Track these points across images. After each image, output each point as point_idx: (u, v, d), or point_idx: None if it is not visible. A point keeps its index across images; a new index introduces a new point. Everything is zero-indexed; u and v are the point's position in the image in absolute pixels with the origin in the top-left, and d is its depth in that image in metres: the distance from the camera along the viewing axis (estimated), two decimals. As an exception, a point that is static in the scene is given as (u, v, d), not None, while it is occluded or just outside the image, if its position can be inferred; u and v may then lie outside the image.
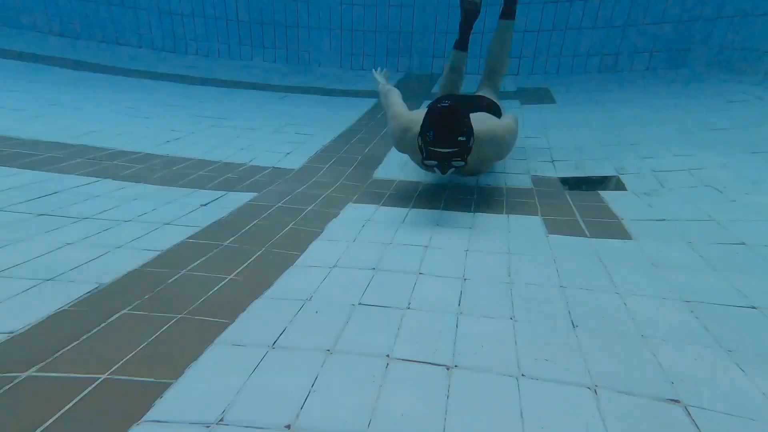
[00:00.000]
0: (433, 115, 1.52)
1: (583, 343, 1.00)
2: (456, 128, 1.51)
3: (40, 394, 0.75)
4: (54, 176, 1.85)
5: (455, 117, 1.51)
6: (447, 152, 1.52)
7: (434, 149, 1.52)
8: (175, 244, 1.38)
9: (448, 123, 1.50)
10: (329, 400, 0.80)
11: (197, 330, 0.97)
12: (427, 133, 1.52)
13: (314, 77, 4.74)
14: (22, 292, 1.03)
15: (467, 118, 1.55)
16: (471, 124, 1.56)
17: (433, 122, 1.51)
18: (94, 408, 0.73)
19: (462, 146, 1.53)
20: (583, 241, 1.57)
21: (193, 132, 2.79)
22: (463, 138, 1.52)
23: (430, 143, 1.52)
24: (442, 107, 1.52)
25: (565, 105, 3.48)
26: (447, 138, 1.50)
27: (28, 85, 3.41)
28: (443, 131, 1.50)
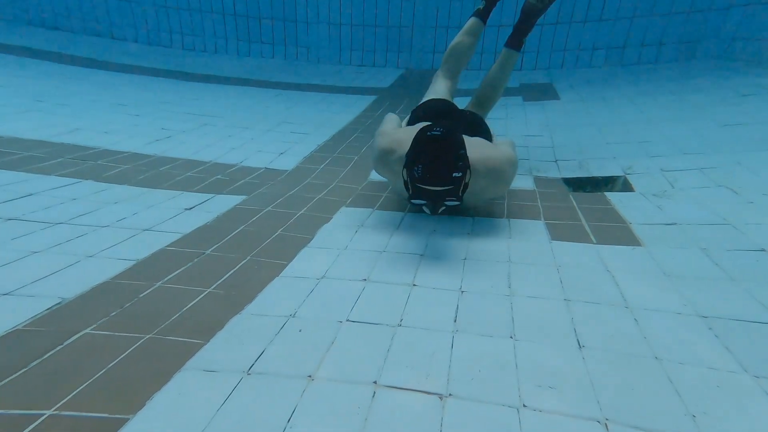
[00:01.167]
0: (423, 146, 1.23)
1: (591, 366, 0.90)
2: (450, 162, 1.22)
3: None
4: (31, 177, 1.76)
5: (450, 148, 1.22)
6: (438, 191, 1.23)
7: (423, 187, 1.23)
8: (153, 253, 1.29)
9: (440, 156, 1.21)
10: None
11: (166, 353, 0.88)
12: (414, 168, 1.23)
13: (312, 73, 4.63)
14: (-25, 310, 0.94)
15: (463, 149, 1.27)
16: (467, 155, 1.30)
17: (422, 154, 1.22)
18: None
19: (457, 183, 1.24)
20: (589, 248, 1.48)
21: (184, 131, 2.70)
22: (459, 174, 1.23)
23: (419, 179, 1.23)
24: (433, 135, 1.23)
25: (569, 101, 3.37)
26: (439, 174, 1.21)
27: (14, 80, 3.32)
28: (434, 166, 1.20)
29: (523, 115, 3.19)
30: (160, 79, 4.05)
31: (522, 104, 3.45)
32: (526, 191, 2.03)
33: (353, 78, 4.51)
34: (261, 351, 0.91)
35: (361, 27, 4.82)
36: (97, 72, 4.01)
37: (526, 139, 2.72)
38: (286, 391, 0.81)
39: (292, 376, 0.85)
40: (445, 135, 1.23)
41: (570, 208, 1.85)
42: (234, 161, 2.27)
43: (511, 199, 1.94)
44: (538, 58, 4.44)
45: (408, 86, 4.06)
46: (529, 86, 3.92)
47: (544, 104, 3.38)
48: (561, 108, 3.25)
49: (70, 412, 0.70)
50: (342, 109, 3.45)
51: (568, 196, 1.99)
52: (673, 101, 3.00)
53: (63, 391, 0.74)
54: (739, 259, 1.31)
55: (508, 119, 3.10)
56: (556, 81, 3.98)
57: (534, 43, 4.38)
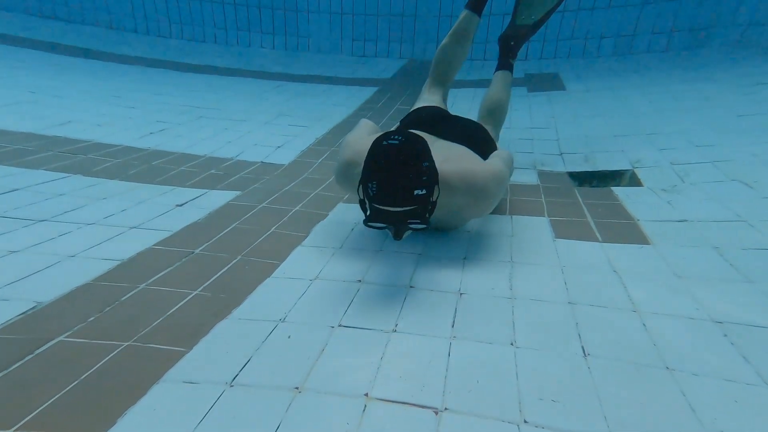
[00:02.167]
0: (377, 158, 0.99)
1: (597, 377, 0.85)
2: (410, 178, 0.98)
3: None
4: (18, 171, 1.71)
5: (410, 160, 0.98)
6: (398, 212, 1.01)
7: (379, 207, 1.01)
8: (139, 252, 1.24)
9: (398, 169, 0.97)
10: (290, 458, 0.66)
11: (145, 362, 0.83)
12: (368, 184, 1.00)
13: (312, 64, 4.54)
14: (-55, 316, 0.90)
15: (428, 160, 1.03)
16: (434, 167, 1.07)
17: (377, 169, 0.98)
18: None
19: (420, 203, 1.01)
20: (594, 246, 1.41)
21: (180, 123, 2.63)
22: (422, 191, 1.00)
23: (374, 198, 1.00)
24: (390, 145, 0.99)
25: (576, 92, 3.27)
26: (397, 192, 0.98)
27: (9, 71, 3.26)
28: (391, 182, 0.97)
29: (527, 106, 3.10)
30: (158, 70, 3.98)
31: (526, 95, 3.35)
32: (530, 186, 1.96)
33: (354, 69, 4.41)
34: (246, 360, 0.86)
35: (362, 16, 4.71)
36: (94, 62, 3.95)
37: (530, 131, 2.64)
38: (270, 404, 0.76)
39: (278, 388, 0.79)
40: (403, 144, 0.99)
41: (575, 203, 1.78)
42: (229, 155, 2.21)
43: (514, 194, 1.87)
44: (544, 48, 4.32)
45: (411, 77, 3.97)
46: (534, 76, 3.82)
47: (549, 95, 3.28)
48: (567, 99, 3.15)
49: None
50: (342, 101, 3.37)
51: (573, 191, 1.92)
52: (684, 91, 2.90)
53: (28, 407, 0.69)
54: (755, 258, 1.24)
55: (511, 111, 2.99)
56: (563, 71, 3.87)
57: (540, 32, 4.24)
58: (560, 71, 3.86)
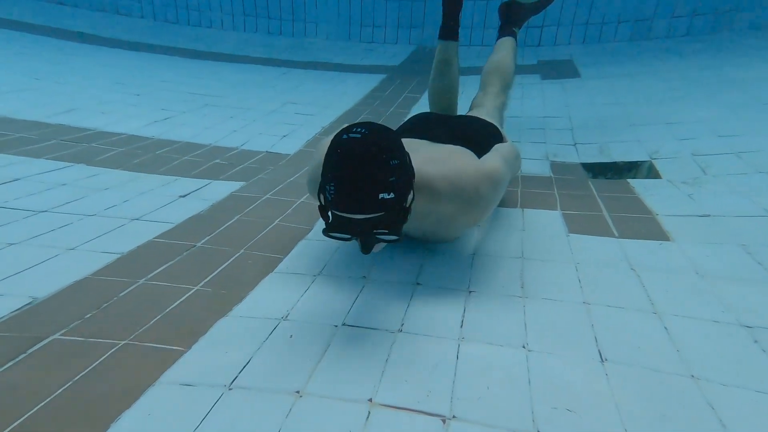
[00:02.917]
0: (334, 155, 0.81)
1: (615, 384, 0.80)
2: (374, 178, 0.79)
3: None
4: (20, 160, 1.69)
5: (374, 158, 0.79)
6: (361, 220, 0.82)
7: (339, 214, 0.83)
8: (140, 245, 1.21)
9: (359, 169, 0.79)
10: (289, 468, 0.63)
11: (141, 362, 0.80)
12: (326, 186, 0.83)
13: (319, 51, 4.45)
14: (-62, 312, 0.87)
15: (398, 157, 0.83)
16: (407, 166, 0.88)
17: (335, 167, 0.81)
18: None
19: (388, 209, 0.82)
20: (611, 242, 1.35)
21: (185, 111, 2.59)
22: (388, 195, 0.81)
23: (333, 203, 0.82)
24: (350, 139, 0.81)
25: (591, 79, 3.15)
26: (358, 196, 0.80)
27: (14, 57, 3.24)
28: (351, 184, 0.79)
29: (540, 94, 3.00)
30: (164, 56, 3.93)
31: (539, 83, 3.24)
32: (542, 178, 1.89)
33: (362, 56, 4.31)
34: (246, 361, 0.83)
35: (371, 1, 4.59)
36: (100, 49, 3.91)
37: (542, 120, 2.55)
38: (269, 409, 0.72)
39: (278, 392, 0.76)
40: (366, 137, 0.80)
41: (589, 196, 1.71)
42: (234, 144, 2.16)
43: (525, 186, 1.81)
44: (558, 33, 4.17)
45: (419, 64, 3.86)
46: (548, 63, 3.69)
47: (563, 82, 3.17)
48: (582, 86, 3.04)
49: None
50: (349, 89, 3.30)
51: (587, 183, 1.85)
52: (707, 77, 2.77)
53: (18, 412, 0.66)
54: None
55: (523, 99, 2.92)
56: (577, 57, 3.74)
57: (554, 16, 4.10)
58: (575, 57, 3.73)
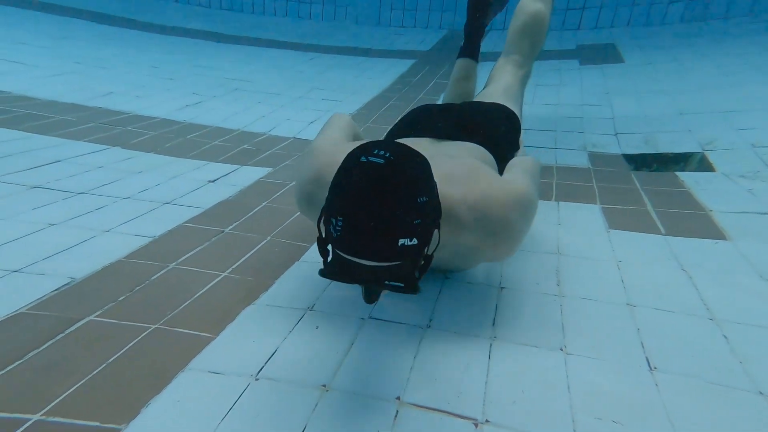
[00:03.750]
0: (348, 183, 0.63)
1: (668, 397, 0.74)
2: (396, 219, 0.61)
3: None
4: (61, 142, 1.74)
5: (399, 193, 0.61)
6: (372, 267, 0.63)
7: (345, 257, 0.64)
8: (171, 229, 1.22)
9: (378, 205, 0.60)
10: (316, 464, 0.61)
11: (171, 347, 0.80)
12: (332, 218, 0.63)
13: (349, 35, 4.39)
14: (-19, 289, 0.91)
15: (427, 193, 0.65)
16: (436, 204, 0.69)
17: (347, 198, 0.62)
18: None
19: (408, 257, 0.64)
20: (657, 240, 1.26)
21: (215, 96, 2.62)
22: (410, 240, 0.62)
23: (338, 242, 0.63)
24: (370, 165, 0.62)
25: (636, 65, 2.96)
26: (373, 239, 0.61)
27: (58, 42, 3.34)
28: (366, 223, 0.60)
29: (578, 80, 2.85)
30: (196, 40, 3.98)
31: (578, 68, 3.08)
32: (579, 169, 1.79)
33: (392, 40, 4.23)
34: (273, 351, 0.82)
35: (402, -16, 4.47)
36: (136, 33, 3.99)
37: (580, 108, 2.42)
38: (296, 403, 0.71)
39: (305, 385, 0.74)
40: (391, 165, 0.62)
41: (632, 190, 1.61)
42: (262, 130, 2.16)
43: (562, 177, 1.72)
44: (601, 15, 3.93)
45: (450, 49, 3.75)
46: (588, 48, 3.50)
47: (604, 68, 3.00)
48: (625, 72, 2.86)
49: (58, 419, 0.64)
50: (377, 75, 3.24)
51: (629, 175, 1.74)
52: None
53: (55, 391, 0.68)
54: None
55: (560, 86, 2.78)
56: (620, 41, 3.52)
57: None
58: (618, 41, 3.52)
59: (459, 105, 1.20)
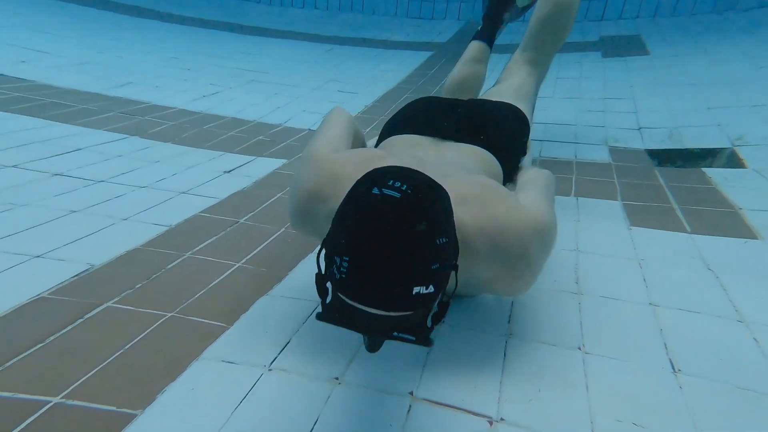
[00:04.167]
0: (358, 220, 0.54)
1: (692, 400, 0.71)
2: (411, 265, 0.52)
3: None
4: (82, 131, 1.77)
5: (412, 236, 0.52)
6: (381, 318, 0.55)
7: (349, 304, 0.55)
8: (187, 219, 1.23)
9: (392, 249, 0.52)
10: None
11: (186, 336, 0.81)
12: (336, 257, 0.54)
13: (365, 26, 4.35)
14: (3, 272, 0.93)
15: (447, 233, 0.56)
16: (454, 244, 0.60)
17: (355, 237, 0.53)
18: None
19: (421, 306, 0.55)
20: (682, 238, 1.22)
21: (231, 87, 2.63)
22: (426, 288, 0.53)
23: (341, 285, 0.54)
24: (384, 199, 0.53)
25: (662, 56, 2.86)
26: (382, 286, 0.52)
27: (81, 31, 3.40)
28: (375, 268, 0.52)
29: (601, 73, 2.76)
30: (214, 31, 4.01)
31: (600, 61, 2.99)
32: (599, 164, 1.75)
33: (409, 31, 4.17)
34: (285, 342, 0.81)
35: (419, -27, 4.40)
36: (155, 23, 4.03)
37: (602, 102, 2.35)
38: (308, 395, 0.71)
39: (317, 378, 0.74)
40: (410, 200, 0.53)
41: (656, 186, 1.56)
42: (278, 121, 2.16)
43: (581, 173, 1.68)
44: (625, 6, 3.80)
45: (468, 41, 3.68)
46: (611, 39, 3.39)
47: (627, 61, 2.90)
48: (650, 65, 2.77)
49: (77, 402, 0.65)
50: (393, 67, 3.20)
51: (653, 171, 1.68)
52: (802, 56, 2.43)
53: (74, 375, 0.69)
54: None
55: (581, 79, 2.70)
56: (646, 32, 3.40)
57: (621, -13, 3.74)
58: (643, 33, 3.40)
59: (465, 102, 1.11)
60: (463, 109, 1.05)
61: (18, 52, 2.64)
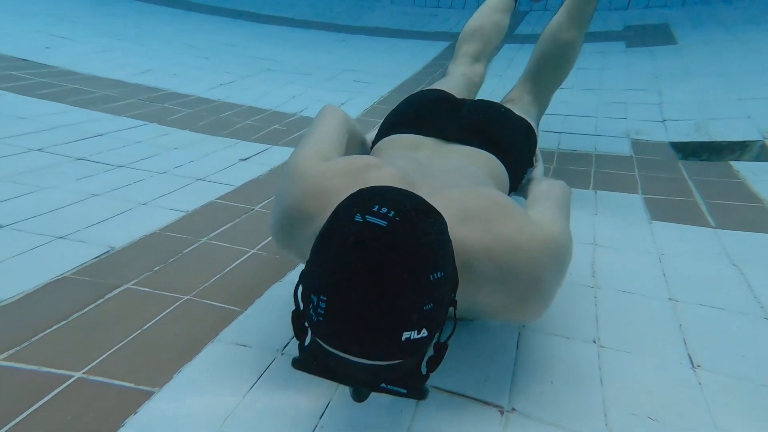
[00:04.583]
0: (338, 253, 0.46)
1: (711, 396, 0.69)
2: (399, 308, 0.45)
3: (5, 390, 0.65)
4: (103, 117, 1.81)
5: (402, 273, 0.45)
6: (366, 366, 0.47)
7: (329, 350, 0.48)
8: (203, 205, 1.25)
9: (375, 290, 0.45)
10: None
11: (201, 318, 0.82)
12: (312, 295, 0.48)
13: (382, 15, 4.30)
14: (27, 251, 0.96)
15: (443, 267, 0.48)
16: (453, 277, 0.52)
17: (334, 274, 0.46)
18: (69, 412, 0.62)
19: (412, 352, 0.48)
20: (705, 233, 1.18)
21: (247, 75, 2.64)
22: (418, 333, 0.46)
23: (319, 328, 0.48)
24: (369, 227, 0.46)
25: (691, 45, 2.75)
26: (366, 332, 0.45)
27: (101, 18, 3.46)
28: (357, 311, 0.45)
29: (624, 64, 2.68)
30: (231, 19, 4.02)
31: (624, 51, 2.90)
32: (620, 157, 1.70)
33: (426, 21, 4.11)
34: (299, 326, 0.82)
35: (438, -39, 4.32)
36: (173, 11, 4.07)
37: (624, 93, 2.29)
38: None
39: (330, 361, 0.75)
40: (396, 231, 0.46)
41: (679, 180, 1.51)
42: (293, 110, 2.17)
43: (601, 165, 1.64)
44: (652, -7, 3.66)
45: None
46: (637, 28, 3.28)
47: (653, 50, 2.80)
48: (677, 54, 2.67)
49: (98, 378, 0.67)
50: (410, 57, 3.17)
51: (676, 164, 1.63)
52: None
53: (95, 352, 0.71)
54: None
55: (603, 70, 2.63)
56: (674, 21, 3.27)
57: (649, -27, 3.60)
58: (671, 21, 3.27)
59: (473, 102, 1.05)
60: (469, 109, 0.99)
61: (43, 39, 2.70)
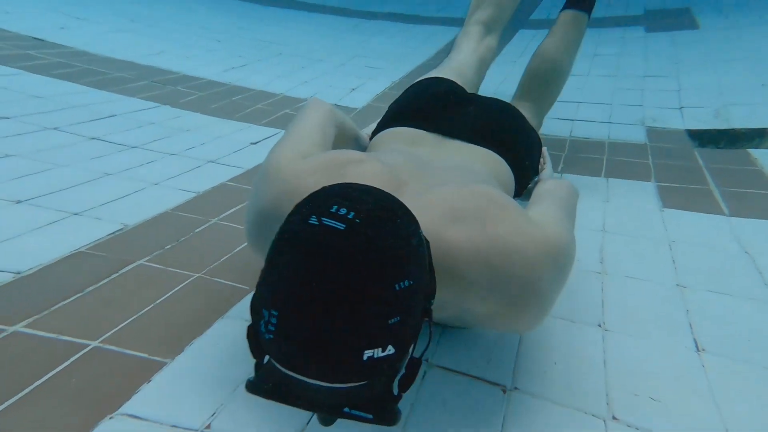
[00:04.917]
0: (289, 268, 0.40)
1: (715, 379, 0.69)
2: (360, 323, 0.38)
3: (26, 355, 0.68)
4: (117, 98, 1.83)
5: (362, 283, 0.38)
6: (326, 389, 0.40)
7: (284, 372, 0.40)
8: (213, 187, 1.27)
9: (331, 304, 0.37)
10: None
11: (212, 295, 0.84)
12: (266, 311, 0.39)
13: (394, 1, 4.23)
14: (45, 226, 0.98)
15: (412, 270, 0.41)
16: (423, 283, 0.43)
17: (286, 285, 0.39)
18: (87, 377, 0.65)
19: (378, 372, 0.40)
20: (718, 220, 1.17)
21: (259, 59, 2.64)
22: (383, 351, 0.39)
23: (270, 346, 0.40)
24: (326, 231, 0.39)
25: (713, 30, 2.66)
26: (323, 351, 0.38)
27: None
28: (313, 328, 0.37)
29: (642, 49, 2.61)
30: (243, 3, 4.00)
31: (643, 36, 2.82)
32: (634, 145, 1.67)
33: (439, 7, 4.04)
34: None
35: (452, -57, 4.21)
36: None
37: (641, 80, 2.23)
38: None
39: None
40: (356, 234, 0.39)
41: (694, 168, 1.48)
42: (304, 95, 2.17)
43: (613, 153, 1.61)
44: (675, -25, 3.53)
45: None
46: (657, 13, 3.18)
47: (674, 35, 2.72)
48: (699, 39, 2.59)
49: (113, 347, 0.70)
50: (421, 43, 3.12)
51: (692, 152, 1.60)
52: None
53: (110, 323, 0.74)
54: None
55: (621, 55, 2.56)
56: (697, 5, 3.16)
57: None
58: (693, 5, 3.16)
59: (480, 98, 1.00)
60: (476, 106, 0.93)
61: (59, 18, 2.72)
